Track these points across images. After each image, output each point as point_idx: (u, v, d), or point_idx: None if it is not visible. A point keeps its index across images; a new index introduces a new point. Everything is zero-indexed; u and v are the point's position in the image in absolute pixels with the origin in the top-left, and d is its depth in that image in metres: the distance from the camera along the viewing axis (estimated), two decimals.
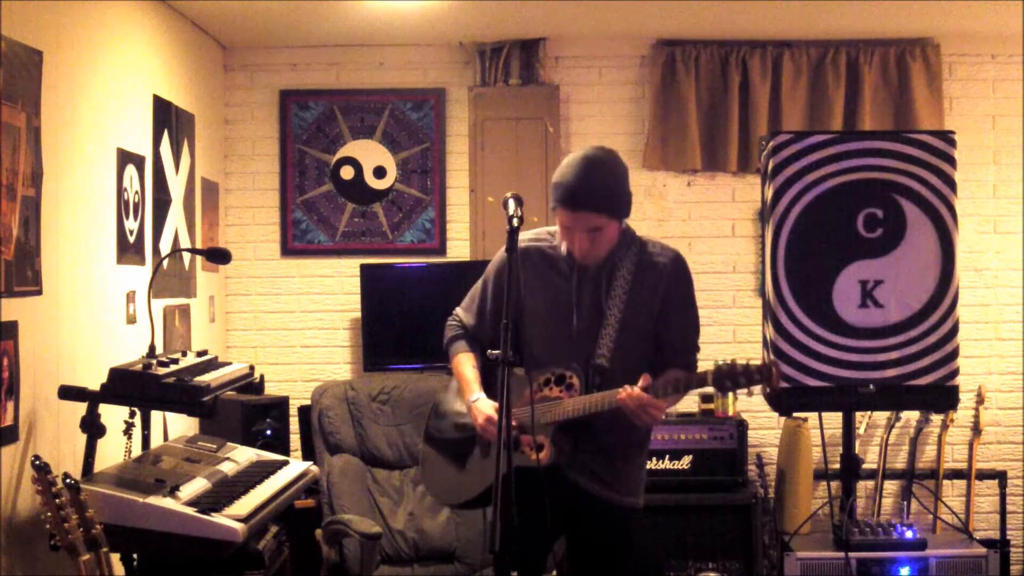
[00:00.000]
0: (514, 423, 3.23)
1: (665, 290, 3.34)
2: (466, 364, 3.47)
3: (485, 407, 3.30)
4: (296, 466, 4.10)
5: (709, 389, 5.30)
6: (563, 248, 3.35)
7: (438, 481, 3.63)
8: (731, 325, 5.79)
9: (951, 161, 4.19)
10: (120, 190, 4.17)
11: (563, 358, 3.29)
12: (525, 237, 3.44)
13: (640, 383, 3.15)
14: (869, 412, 5.48)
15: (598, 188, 3.21)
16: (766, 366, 3.10)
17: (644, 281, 3.32)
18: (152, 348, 3.98)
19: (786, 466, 5.37)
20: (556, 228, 3.38)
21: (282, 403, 5.08)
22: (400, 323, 5.55)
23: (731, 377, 3.10)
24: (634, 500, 3.41)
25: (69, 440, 3.63)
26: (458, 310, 3.59)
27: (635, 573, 3.40)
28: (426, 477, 3.73)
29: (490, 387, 3.39)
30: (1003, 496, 5.62)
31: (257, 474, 3.86)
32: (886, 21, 5.39)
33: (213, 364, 4.04)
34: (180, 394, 3.55)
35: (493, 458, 3.25)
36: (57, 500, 2.87)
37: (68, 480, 2.96)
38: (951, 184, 4.18)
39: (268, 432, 4.88)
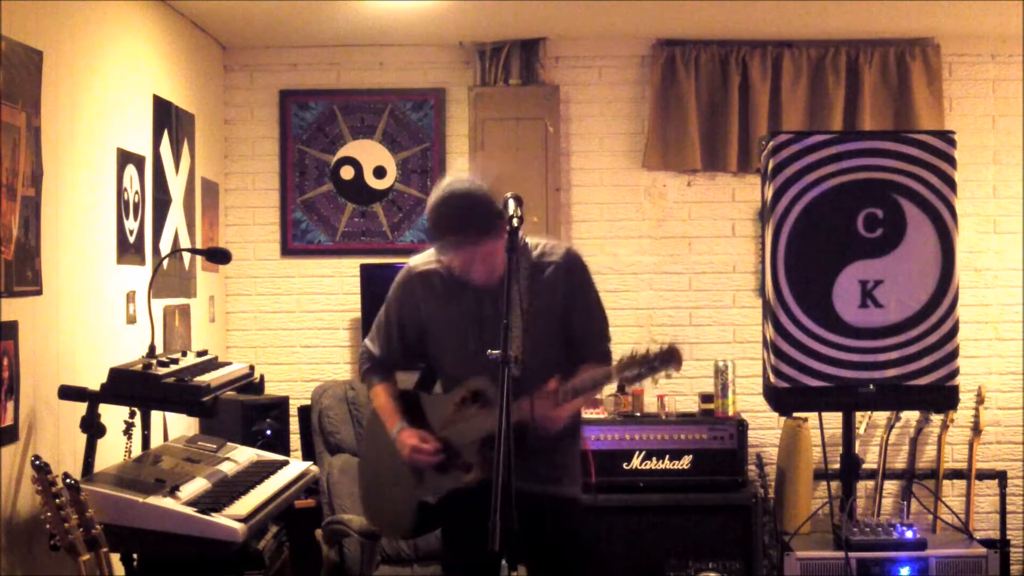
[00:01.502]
0: (439, 446, 3.28)
1: (563, 287, 3.35)
2: (383, 395, 3.48)
3: (409, 437, 3.32)
4: (296, 466, 4.10)
5: (709, 389, 5.38)
6: (443, 269, 3.37)
7: (378, 514, 3.62)
8: (731, 325, 5.79)
9: (951, 161, 4.18)
10: (120, 190, 4.17)
11: (474, 371, 3.29)
12: (420, 261, 3.47)
13: (547, 387, 3.17)
14: (869, 412, 5.47)
15: (473, 216, 3.20)
16: (665, 351, 3.08)
17: (540, 283, 3.33)
18: (152, 348, 3.98)
19: (786, 466, 5.37)
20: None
21: (282, 403, 5.08)
22: None
23: (630, 368, 3.11)
24: (576, 489, 3.42)
25: (69, 440, 3.62)
26: (366, 341, 3.60)
27: (592, 563, 3.41)
28: (367, 512, 3.71)
29: (410, 414, 3.40)
30: (1003, 496, 5.62)
31: (257, 474, 3.86)
32: (886, 21, 5.39)
33: (213, 364, 4.04)
34: (180, 394, 3.55)
35: (428, 483, 3.31)
36: (57, 500, 2.87)
37: (68, 480, 2.95)
38: (951, 184, 4.17)
39: (268, 432, 4.88)
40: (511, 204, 3.16)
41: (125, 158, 4.23)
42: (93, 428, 3.50)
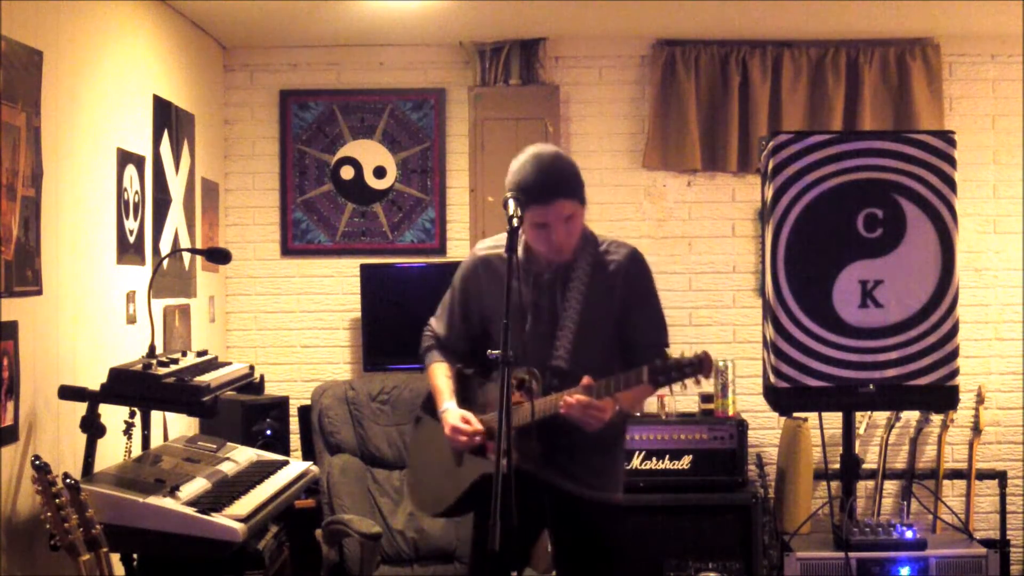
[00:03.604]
0: (480, 430, 3.28)
1: (622, 289, 3.35)
2: (438, 374, 3.50)
3: (452, 417, 3.34)
4: (296, 466, 4.10)
5: (709, 389, 5.38)
6: (519, 253, 3.35)
7: (418, 491, 3.69)
8: (731, 325, 5.79)
9: (951, 161, 4.19)
10: (120, 190, 4.17)
11: (521, 362, 3.28)
12: (485, 245, 3.49)
13: (581, 383, 3.16)
14: (869, 412, 5.48)
15: (563, 176, 3.25)
16: (697, 358, 3.08)
17: (600, 281, 3.34)
18: (152, 348, 3.98)
19: (786, 466, 5.37)
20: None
21: (282, 403, 5.08)
22: (400, 323, 5.54)
23: (663, 372, 3.10)
24: (611, 495, 3.41)
25: (69, 440, 3.63)
26: (431, 320, 3.63)
27: (621, 569, 3.41)
28: (408, 487, 3.75)
29: (463, 395, 3.45)
30: (1003, 496, 5.63)
31: (257, 474, 3.86)
32: (886, 21, 5.39)
33: (213, 364, 4.04)
34: (180, 394, 3.55)
35: (466, 466, 3.34)
36: (57, 500, 2.87)
37: (68, 480, 2.96)
38: (951, 184, 4.18)
39: (268, 432, 4.88)
40: (511, 204, 3.17)
41: (125, 158, 4.23)
42: (93, 428, 3.50)
